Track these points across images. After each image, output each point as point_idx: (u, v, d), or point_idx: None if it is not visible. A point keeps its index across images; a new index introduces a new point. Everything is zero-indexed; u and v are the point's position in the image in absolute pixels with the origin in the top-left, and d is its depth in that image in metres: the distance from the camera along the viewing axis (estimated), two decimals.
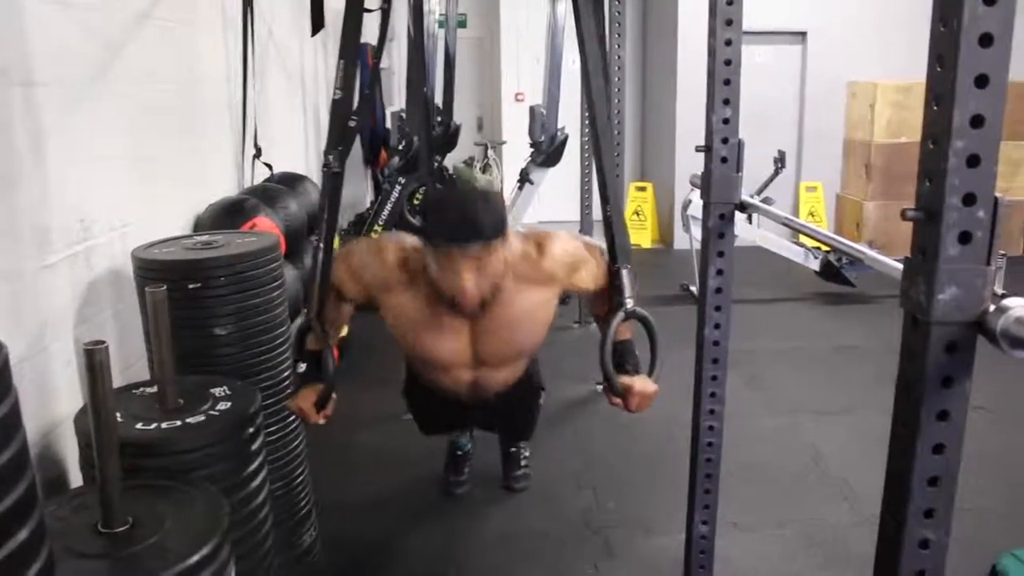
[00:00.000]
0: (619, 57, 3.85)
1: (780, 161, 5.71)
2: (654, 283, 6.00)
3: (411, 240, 2.14)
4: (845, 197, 7.60)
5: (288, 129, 4.75)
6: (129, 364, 2.47)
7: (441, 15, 6.98)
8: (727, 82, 1.96)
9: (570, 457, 3.34)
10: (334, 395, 2.06)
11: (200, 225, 3.08)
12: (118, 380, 2.41)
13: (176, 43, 3.06)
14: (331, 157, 2.03)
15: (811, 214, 7.74)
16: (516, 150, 6.86)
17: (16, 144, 1.98)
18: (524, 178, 5.91)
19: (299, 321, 2.10)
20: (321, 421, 2.07)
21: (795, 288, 5.93)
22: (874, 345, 4.57)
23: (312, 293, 2.03)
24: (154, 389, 2.00)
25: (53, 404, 2.12)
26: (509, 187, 6.51)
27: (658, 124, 8.19)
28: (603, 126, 2.05)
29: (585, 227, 5.12)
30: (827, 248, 7.15)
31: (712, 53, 1.95)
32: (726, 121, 1.99)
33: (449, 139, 6.36)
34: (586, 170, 4.89)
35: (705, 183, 2.06)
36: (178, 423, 1.84)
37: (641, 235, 7.97)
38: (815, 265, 5.85)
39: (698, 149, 2.03)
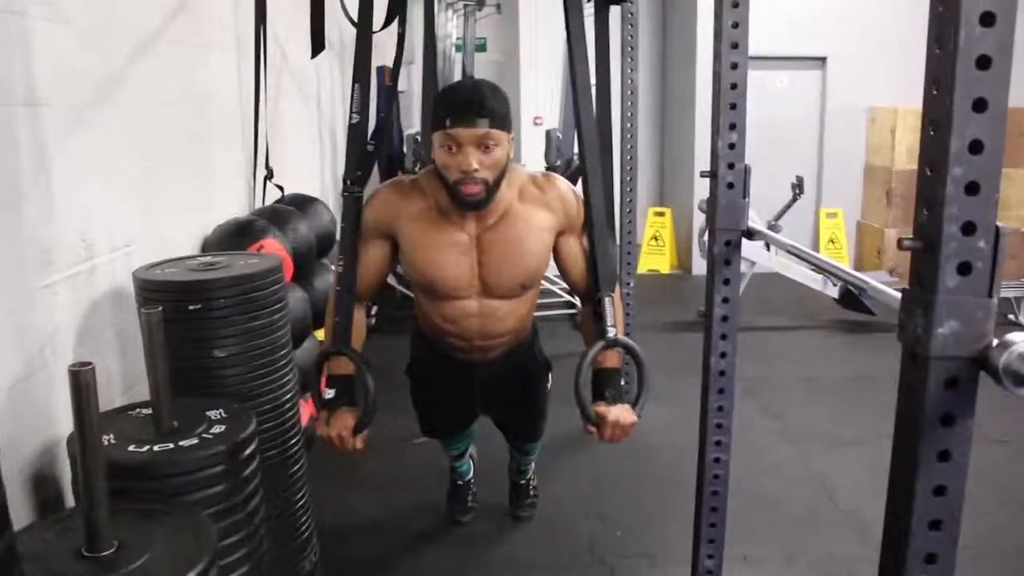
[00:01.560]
0: (632, 80, 3.82)
1: (798, 187, 5.66)
2: (671, 309, 5.95)
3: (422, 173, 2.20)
4: (866, 224, 7.52)
5: (302, 151, 4.76)
6: (131, 385, 2.46)
7: (459, 39, 7.02)
8: (733, 106, 1.93)
9: (579, 483, 3.28)
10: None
11: (207, 246, 3.08)
12: (120, 400, 2.42)
13: (186, 63, 3.07)
14: (350, 181, 2.05)
15: (831, 241, 7.67)
16: None
17: (18, 164, 1.98)
18: None
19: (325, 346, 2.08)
20: (360, 446, 2.05)
21: (813, 316, 5.86)
22: (891, 375, 4.44)
23: (333, 318, 2.02)
24: (150, 411, 1.97)
25: (52, 424, 2.09)
26: None
27: (677, 149, 8.16)
28: (590, 145, 2.05)
29: None
30: None
31: (717, 77, 1.92)
32: (732, 146, 1.95)
33: None
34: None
35: (711, 209, 2.02)
36: (170, 446, 1.82)
37: (659, 260, 7.92)
38: (834, 292, 5.77)
39: (703, 175, 1.99)
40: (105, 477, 1.51)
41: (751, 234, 2.02)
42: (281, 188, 3.81)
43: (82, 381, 1.45)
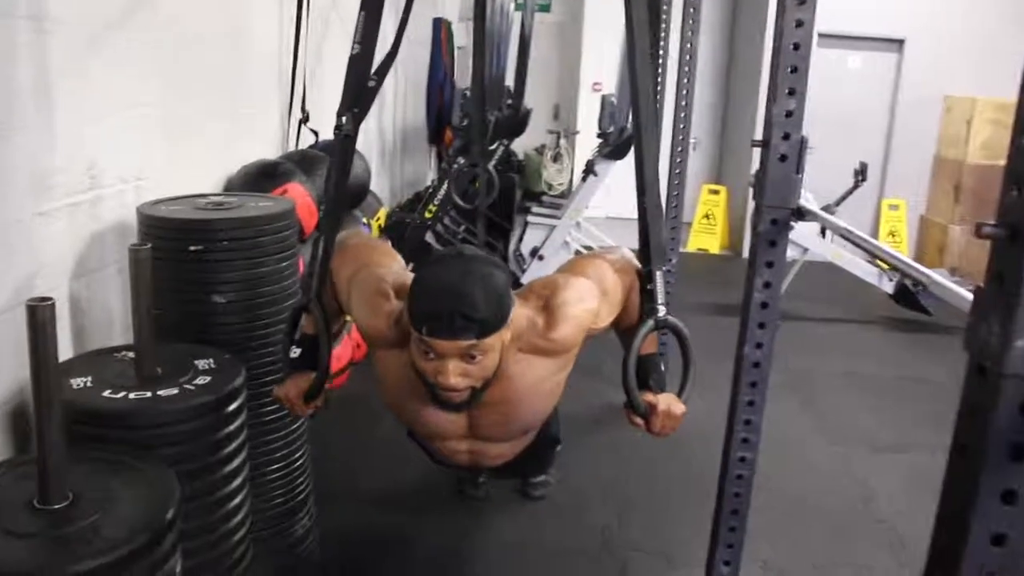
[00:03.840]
0: (691, 45, 3.58)
1: (861, 174, 5.37)
2: (716, 291, 5.71)
3: None
4: (929, 219, 7.16)
5: None
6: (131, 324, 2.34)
7: None
8: (794, 69, 1.71)
9: (599, 468, 3.11)
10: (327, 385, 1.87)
11: (230, 186, 2.95)
12: (119, 340, 2.30)
13: None
14: (344, 119, 1.84)
15: (891, 234, 7.33)
16: (590, 141, 6.65)
17: (17, 83, 1.85)
18: (589, 169, 5.70)
19: (297, 300, 1.90)
20: (309, 412, 1.88)
21: (866, 310, 5.57)
22: (944, 379, 4.22)
23: (312, 270, 1.83)
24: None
25: None
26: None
27: (739, 126, 7.85)
28: (646, 114, 1.78)
29: None
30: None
31: (779, 34, 1.70)
32: (789, 114, 1.74)
33: (519, 123, 6.16)
34: None
35: (759, 183, 1.81)
36: (148, 394, 1.69)
37: (710, 240, 7.67)
38: (889, 288, 5.48)
39: (754, 144, 1.79)
40: (62, 425, 1.39)
41: (802, 214, 1.81)
42: (316, 133, 3.67)
43: (39, 318, 1.33)
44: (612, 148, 5.46)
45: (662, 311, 1.76)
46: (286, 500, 2.37)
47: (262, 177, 2.93)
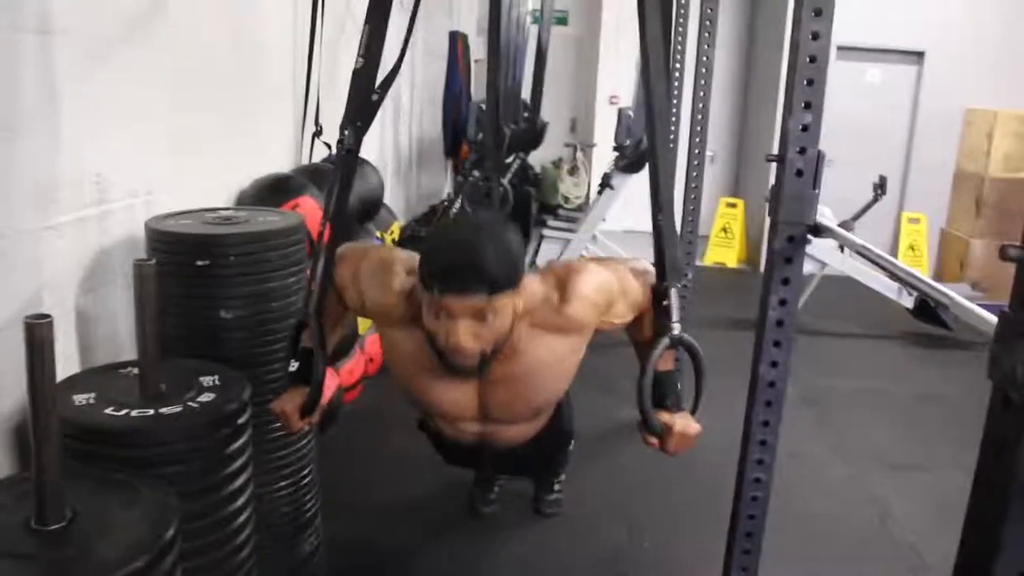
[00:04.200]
0: (707, 59, 3.55)
1: (881, 187, 5.31)
2: (732, 305, 5.65)
3: None
4: (950, 233, 7.07)
5: None
6: None
7: (536, 9, 6.77)
8: (810, 82, 1.68)
9: (610, 486, 3.06)
10: (322, 402, 1.84)
11: (241, 200, 2.94)
12: (127, 355, 2.28)
13: (237, 6, 2.92)
14: (346, 132, 1.82)
15: (911, 247, 7.24)
16: (607, 154, 6.62)
17: (22, 94, 1.84)
18: (605, 182, 5.67)
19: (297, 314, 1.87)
20: (304, 427, 1.85)
21: (884, 325, 5.49)
22: (965, 397, 4.13)
23: (312, 285, 1.81)
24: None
25: None
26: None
27: (756, 140, 7.80)
28: (661, 126, 1.74)
29: None
30: None
31: (795, 47, 1.66)
32: (805, 128, 1.70)
33: (535, 136, 6.15)
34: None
35: (774, 199, 1.78)
36: (150, 412, 1.67)
37: (727, 254, 7.60)
38: (909, 303, 5.39)
39: (769, 158, 1.75)
40: (59, 445, 1.36)
41: (818, 230, 1.77)
42: (329, 146, 3.65)
43: (37, 336, 1.30)
44: (629, 161, 5.43)
45: (677, 328, 1.72)
46: (294, 517, 2.34)
47: (274, 191, 2.92)
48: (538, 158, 7.56)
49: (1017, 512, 0.77)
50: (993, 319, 0.90)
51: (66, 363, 2.06)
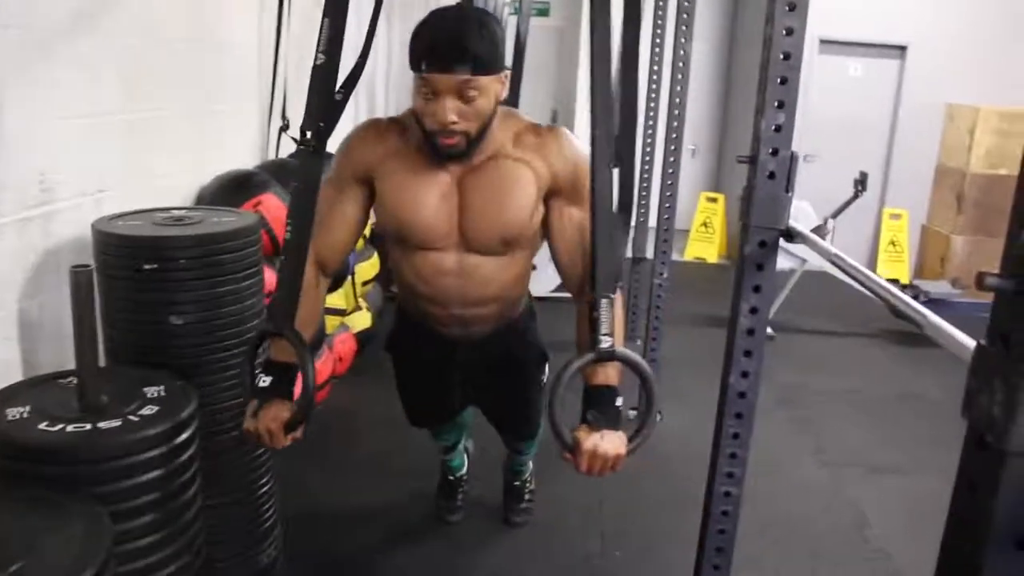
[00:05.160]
0: (684, 52, 3.47)
1: (861, 183, 5.25)
2: (711, 301, 5.57)
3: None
4: (931, 228, 7.05)
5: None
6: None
7: (515, 1, 6.67)
8: (783, 81, 1.61)
9: (580, 493, 2.97)
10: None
11: (201, 198, 2.84)
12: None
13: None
14: (309, 134, 1.72)
15: (892, 243, 7.21)
16: (587, 146, 6.53)
17: None
18: None
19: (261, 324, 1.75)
20: (287, 444, 1.74)
21: (864, 322, 5.44)
22: (945, 397, 4.09)
23: (281, 296, 1.70)
24: None
25: None
26: None
27: (738, 135, 7.74)
28: (601, 111, 1.61)
29: (639, 237, 4.76)
30: (905, 282, 6.64)
31: (768, 43, 1.59)
32: (778, 128, 1.63)
33: None
34: (644, 174, 4.52)
35: (746, 202, 1.71)
36: (87, 427, 1.57)
37: (707, 248, 7.55)
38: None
39: (739, 160, 1.68)
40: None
41: (791, 235, 1.70)
42: (297, 141, 3.54)
43: None
44: None
45: (605, 342, 1.57)
46: (250, 528, 2.25)
47: (235, 188, 2.82)
48: None
49: (993, 561, 0.70)
50: (971, 345, 0.83)
51: (7, 372, 1.97)
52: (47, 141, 2.04)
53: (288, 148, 3.55)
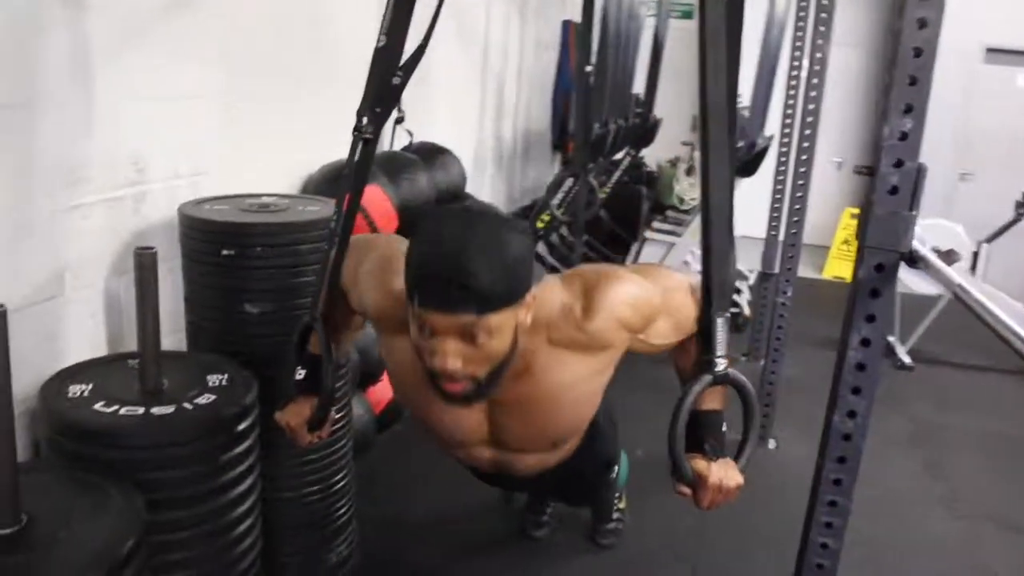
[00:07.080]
0: (821, 55, 3.23)
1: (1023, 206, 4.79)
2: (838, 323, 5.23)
3: None
4: None
5: (456, 99, 4.44)
6: (174, 330, 2.20)
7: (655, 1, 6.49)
8: (912, 81, 1.39)
9: (675, 520, 2.76)
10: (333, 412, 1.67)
11: (307, 187, 2.83)
12: (166, 344, 2.18)
13: None
14: (364, 119, 1.64)
15: None
16: None
17: (46, 62, 1.75)
18: None
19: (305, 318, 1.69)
20: (313, 441, 1.68)
21: (1014, 359, 4.92)
22: None
23: (321, 285, 1.64)
24: None
25: (63, 357, 1.88)
26: None
27: None
28: (716, 136, 1.42)
29: (768, 249, 4.50)
30: None
31: (896, 36, 1.38)
32: (904, 136, 1.41)
33: (647, 133, 5.89)
34: (778, 186, 4.26)
35: (863, 219, 1.50)
36: (139, 411, 1.54)
37: (848, 267, 7.09)
38: None
39: (857, 170, 1.48)
40: (12, 444, 1.25)
41: (913, 259, 1.48)
42: (411, 133, 3.51)
43: None
44: (741, 163, 5.10)
45: (722, 364, 1.45)
46: (323, 525, 2.20)
47: (337, 178, 2.79)
48: (652, 155, 7.25)
49: None
50: None
51: (93, 348, 1.99)
52: (141, 122, 2.05)
53: (402, 140, 3.52)
